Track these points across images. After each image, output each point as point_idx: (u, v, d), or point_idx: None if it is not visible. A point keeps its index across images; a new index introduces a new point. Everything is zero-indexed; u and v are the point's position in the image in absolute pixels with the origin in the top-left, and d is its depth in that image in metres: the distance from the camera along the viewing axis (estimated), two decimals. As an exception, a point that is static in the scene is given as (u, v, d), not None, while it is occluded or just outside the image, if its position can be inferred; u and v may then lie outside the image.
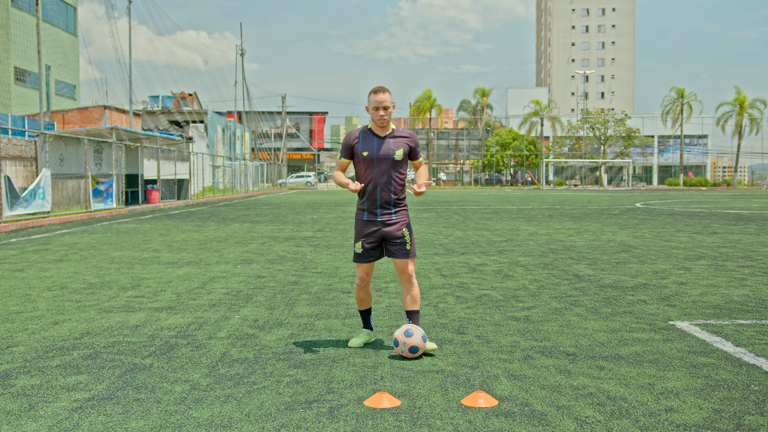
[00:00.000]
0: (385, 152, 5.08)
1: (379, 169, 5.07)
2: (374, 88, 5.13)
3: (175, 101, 64.46)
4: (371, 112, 5.11)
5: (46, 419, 3.70)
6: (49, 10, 46.47)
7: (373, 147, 5.09)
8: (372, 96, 5.09)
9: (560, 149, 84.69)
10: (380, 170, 5.08)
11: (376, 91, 5.08)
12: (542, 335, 5.56)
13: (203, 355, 4.99)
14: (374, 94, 5.08)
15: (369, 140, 5.12)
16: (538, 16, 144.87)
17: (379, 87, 5.08)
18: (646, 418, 3.68)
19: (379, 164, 5.07)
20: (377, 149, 5.08)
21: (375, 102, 5.07)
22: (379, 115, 5.05)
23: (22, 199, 18.33)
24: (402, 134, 5.16)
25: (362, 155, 5.09)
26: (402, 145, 5.12)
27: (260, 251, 11.63)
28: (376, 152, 5.07)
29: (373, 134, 5.14)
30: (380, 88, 5.08)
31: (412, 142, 5.18)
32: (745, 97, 76.85)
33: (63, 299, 7.23)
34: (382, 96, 5.05)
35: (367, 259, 5.17)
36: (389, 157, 5.07)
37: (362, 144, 5.12)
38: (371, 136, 5.14)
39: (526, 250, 11.59)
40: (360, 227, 5.19)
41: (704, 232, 15.38)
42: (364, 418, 3.72)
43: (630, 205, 29.95)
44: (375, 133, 5.14)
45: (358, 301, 5.37)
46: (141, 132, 30.50)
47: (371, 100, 5.09)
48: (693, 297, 7.22)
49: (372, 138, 5.13)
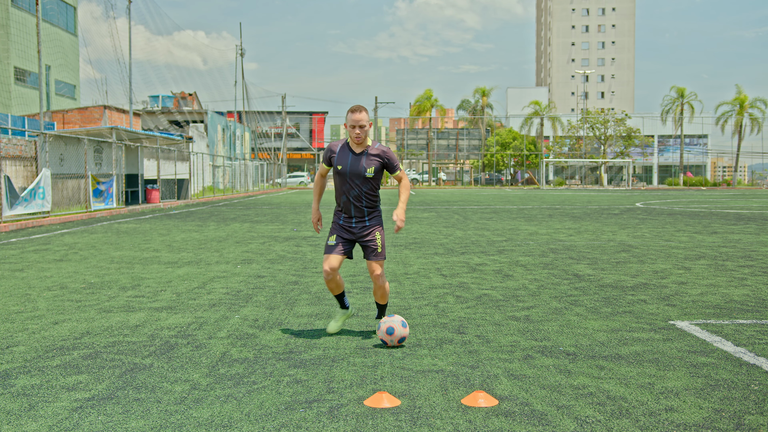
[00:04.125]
0: (358, 169, 5.35)
1: (351, 183, 5.36)
2: (352, 107, 5.36)
3: (175, 101, 64.46)
4: (348, 129, 5.35)
5: (46, 419, 3.70)
6: (49, 10, 46.46)
7: (347, 162, 5.36)
8: (349, 115, 5.32)
9: (560, 149, 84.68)
10: (352, 184, 5.36)
11: (354, 110, 5.32)
12: (542, 335, 5.56)
13: (203, 355, 4.99)
14: (351, 113, 5.31)
15: (345, 155, 5.40)
16: (538, 15, 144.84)
17: (357, 106, 5.31)
18: (646, 418, 3.68)
19: (351, 179, 5.35)
20: (350, 165, 5.36)
21: (352, 121, 5.31)
22: (356, 133, 5.30)
23: (22, 199, 18.33)
24: (375, 152, 5.40)
25: (337, 168, 5.40)
26: (374, 163, 5.37)
27: (260, 251, 11.63)
28: (349, 168, 5.35)
29: (349, 149, 5.42)
30: (357, 108, 5.31)
31: (385, 158, 5.40)
32: (745, 96, 76.82)
33: (63, 299, 7.23)
34: (358, 115, 5.29)
35: (337, 250, 5.39)
36: (361, 174, 5.34)
37: (339, 157, 5.42)
38: (347, 151, 5.42)
39: (526, 250, 11.59)
40: (337, 227, 5.50)
41: (704, 231, 15.38)
42: (364, 418, 3.72)
43: (630, 205, 29.94)
44: (351, 148, 5.41)
45: (330, 289, 5.56)
46: (141, 132, 30.50)
47: (349, 119, 5.32)
48: (693, 297, 7.22)
49: (347, 153, 5.41)
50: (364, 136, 5.34)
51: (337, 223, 5.49)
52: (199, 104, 68.27)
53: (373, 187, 5.43)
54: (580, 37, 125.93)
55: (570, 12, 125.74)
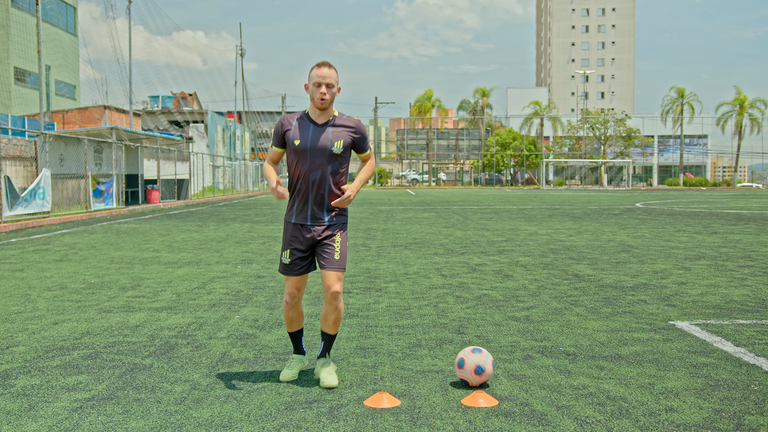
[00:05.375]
0: (322, 143, 4.20)
1: (312, 162, 4.19)
2: (318, 62, 4.26)
3: (175, 101, 64.46)
4: (311, 89, 4.20)
5: (46, 419, 3.70)
6: (49, 10, 46.46)
7: (307, 136, 4.21)
8: (314, 70, 4.19)
9: (560, 149, 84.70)
10: (313, 164, 4.19)
11: (320, 65, 4.21)
12: (542, 335, 5.56)
13: (203, 355, 4.99)
14: (317, 68, 4.19)
15: (304, 127, 4.24)
16: (538, 15, 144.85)
17: (324, 61, 4.23)
18: (646, 418, 3.68)
19: (312, 157, 4.19)
20: (311, 138, 4.20)
21: (317, 77, 4.16)
22: (320, 93, 4.14)
23: (22, 199, 18.33)
24: (345, 123, 4.29)
25: (293, 144, 4.21)
26: (343, 135, 4.25)
27: (260, 251, 11.63)
28: (310, 142, 4.19)
29: (310, 120, 4.26)
30: (324, 63, 4.21)
31: (357, 132, 4.31)
32: (745, 96, 76.86)
33: (63, 299, 7.23)
34: (326, 71, 4.17)
35: (296, 270, 4.32)
36: (326, 150, 4.19)
37: (295, 131, 4.24)
38: (307, 122, 4.26)
39: (526, 250, 11.59)
40: (289, 232, 4.33)
41: (704, 232, 15.38)
42: (364, 418, 3.72)
43: (630, 205, 29.94)
44: (312, 119, 4.26)
45: (287, 322, 4.47)
46: (141, 132, 30.50)
47: (312, 75, 4.19)
48: (693, 297, 7.22)
49: (307, 125, 4.24)
50: (331, 100, 4.20)
51: (289, 224, 4.32)
52: (199, 104, 68.28)
53: (339, 169, 4.27)
54: (580, 37, 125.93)
55: (570, 12, 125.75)
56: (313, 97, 4.19)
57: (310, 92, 4.21)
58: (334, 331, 4.40)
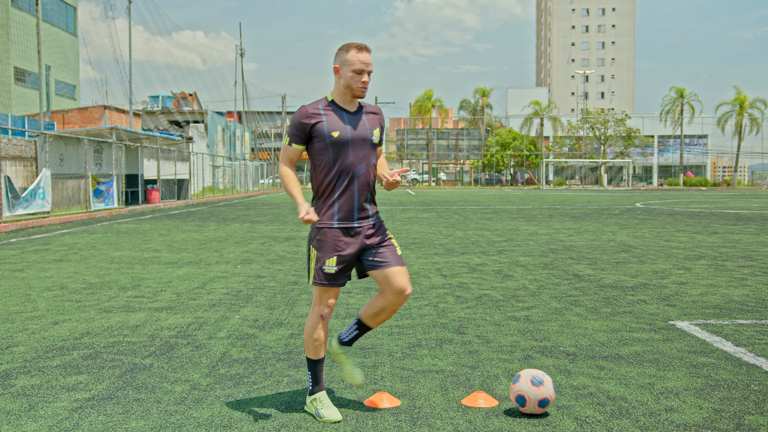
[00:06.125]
0: (362, 132, 3.72)
1: (356, 155, 3.69)
2: (355, 43, 3.68)
3: (175, 101, 64.48)
4: (350, 76, 3.65)
5: (46, 419, 3.70)
6: (49, 10, 46.47)
7: (345, 126, 3.68)
8: (354, 54, 3.64)
9: (560, 149, 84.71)
10: (357, 157, 3.69)
11: (361, 48, 3.67)
12: (542, 335, 5.56)
13: (203, 355, 4.99)
14: (358, 51, 3.65)
15: (338, 117, 3.69)
16: (538, 15, 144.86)
17: (363, 44, 3.69)
18: (646, 418, 3.68)
19: (354, 149, 3.68)
20: (351, 128, 3.69)
21: (359, 62, 3.64)
22: (363, 81, 3.67)
23: (23, 200, 18.33)
24: (373, 110, 3.86)
25: (331, 137, 3.65)
26: (376, 123, 3.83)
27: (260, 251, 11.63)
28: (351, 132, 3.68)
29: (341, 109, 3.73)
30: (365, 46, 3.69)
31: (382, 120, 3.91)
32: (745, 97, 76.87)
33: (63, 299, 7.23)
34: (368, 56, 3.68)
35: (341, 279, 3.74)
36: (367, 139, 3.73)
37: (329, 122, 3.67)
38: (339, 111, 3.71)
39: (526, 250, 11.59)
40: (330, 237, 3.68)
41: (704, 232, 15.38)
42: (364, 418, 3.72)
43: (630, 205, 29.95)
44: (342, 106, 3.74)
45: (315, 345, 3.80)
46: (141, 132, 30.50)
47: (350, 60, 3.64)
48: (693, 297, 7.22)
49: (341, 113, 3.71)
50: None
51: (330, 230, 3.69)
52: (199, 104, 68.29)
53: (375, 161, 3.82)
54: (580, 37, 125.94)
55: (570, 12, 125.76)
56: (352, 85, 3.65)
57: (347, 78, 3.65)
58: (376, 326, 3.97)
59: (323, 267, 3.68)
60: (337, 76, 3.70)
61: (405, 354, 4.99)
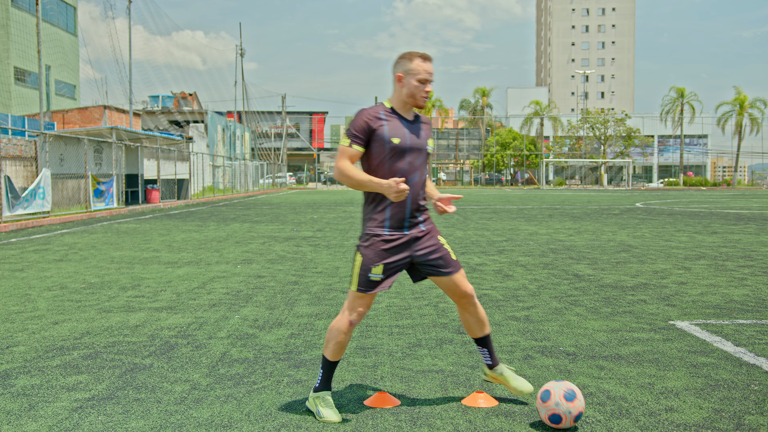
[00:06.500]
0: (419, 142, 3.77)
1: (411, 163, 3.74)
2: (418, 52, 3.73)
3: (175, 101, 64.50)
4: (415, 85, 3.69)
5: (46, 419, 3.70)
6: (49, 10, 46.48)
7: (404, 133, 3.73)
8: (419, 63, 3.68)
9: (560, 149, 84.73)
10: (412, 165, 3.74)
11: (425, 57, 3.71)
12: (542, 335, 5.56)
13: (203, 355, 4.99)
14: (422, 61, 3.69)
15: (398, 123, 3.74)
16: (538, 15, 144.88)
17: (427, 54, 3.74)
18: (646, 418, 3.68)
19: (411, 157, 3.74)
20: (410, 136, 3.74)
21: (425, 72, 3.68)
22: (426, 91, 3.70)
23: (23, 200, 18.33)
24: (425, 120, 3.92)
25: (391, 143, 3.68)
26: (429, 134, 3.89)
27: (260, 251, 11.63)
28: (409, 140, 3.73)
29: (400, 116, 3.77)
30: (428, 56, 3.73)
31: (431, 132, 3.97)
32: (745, 96, 76.89)
33: (63, 299, 7.23)
34: (431, 66, 3.73)
35: (381, 286, 3.74)
36: (422, 149, 3.79)
37: (391, 128, 3.71)
38: (398, 118, 3.76)
39: (526, 250, 11.59)
40: (378, 246, 3.70)
41: (704, 231, 15.38)
42: (364, 418, 3.72)
43: (630, 204, 29.95)
44: (401, 114, 3.78)
45: (337, 348, 3.78)
46: (141, 132, 30.51)
47: (414, 69, 3.68)
48: (693, 297, 7.22)
49: (400, 121, 3.75)
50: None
51: (380, 241, 3.70)
52: (199, 104, 68.30)
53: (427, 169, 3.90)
54: (580, 37, 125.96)
55: (570, 12, 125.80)
56: (416, 94, 3.69)
57: (411, 88, 3.68)
58: (486, 330, 4.01)
59: (369, 274, 3.70)
60: (399, 84, 3.73)
61: (405, 354, 4.99)
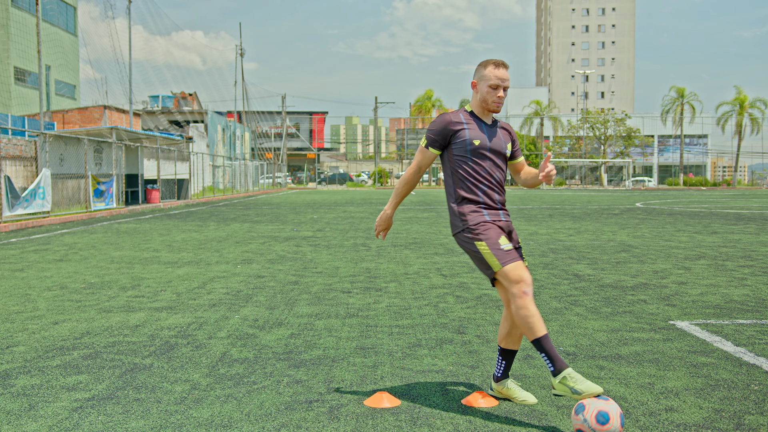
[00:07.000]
0: (498, 144, 3.95)
1: (492, 164, 3.93)
2: (492, 60, 3.96)
3: (175, 101, 64.50)
4: (486, 91, 3.91)
5: (46, 419, 3.70)
6: (49, 10, 46.47)
7: (485, 136, 3.93)
8: (491, 70, 3.90)
9: (560, 149, 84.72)
10: (493, 167, 3.94)
11: (498, 64, 3.93)
12: (542, 335, 5.55)
13: (203, 355, 4.99)
14: (495, 67, 3.91)
15: (478, 126, 3.95)
16: (538, 15, 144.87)
17: (501, 61, 3.95)
18: (646, 418, 3.68)
19: (491, 158, 3.93)
20: (489, 139, 3.93)
21: (497, 78, 3.89)
22: (498, 96, 3.90)
23: (23, 199, 18.33)
24: (504, 126, 4.10)
25: (473, 144, 3.89)
26: (508, 138, 4.05)
27: (260, 251, 11.63)
28: (489, 143, 3.92)
29: (480, 120, 3.98)
30: (503, 62, 3.93)
31: (514, 135, 4.11)
32: (745, 96, 76.85)
33: (63, 299, 7.23)
34: (505, 72, 3.91)
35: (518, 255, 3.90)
36: (502, 152, 3.97)
37: (472, 130, 3.92)
38: (478, 121, 3.97)
39: (526, 250, 11.59)
40: (492, 224, 3.86)
41: (704, 231, 15.38)
42: (364, 418, 3.72)
43: (630, 204, 29.94)
44: (480, 118, 3.99)
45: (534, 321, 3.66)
46: (141, 132, 30.50)
47: (488, 75, 3.90)
48: (693, 297, 7.22)
49: (480, 124, 3.96)
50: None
51: (488, 221, 3.88)
52: (199, 104, 68.29)
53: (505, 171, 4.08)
54: (580, 37, 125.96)
55: (570, 12, 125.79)
56: (488, 99, 3.90)
57: (484, 93, 3.91)
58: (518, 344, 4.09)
59: (501, 246, 3.76)
60: (475, 90, 3.97)
61: (405, 354, 4.99)
